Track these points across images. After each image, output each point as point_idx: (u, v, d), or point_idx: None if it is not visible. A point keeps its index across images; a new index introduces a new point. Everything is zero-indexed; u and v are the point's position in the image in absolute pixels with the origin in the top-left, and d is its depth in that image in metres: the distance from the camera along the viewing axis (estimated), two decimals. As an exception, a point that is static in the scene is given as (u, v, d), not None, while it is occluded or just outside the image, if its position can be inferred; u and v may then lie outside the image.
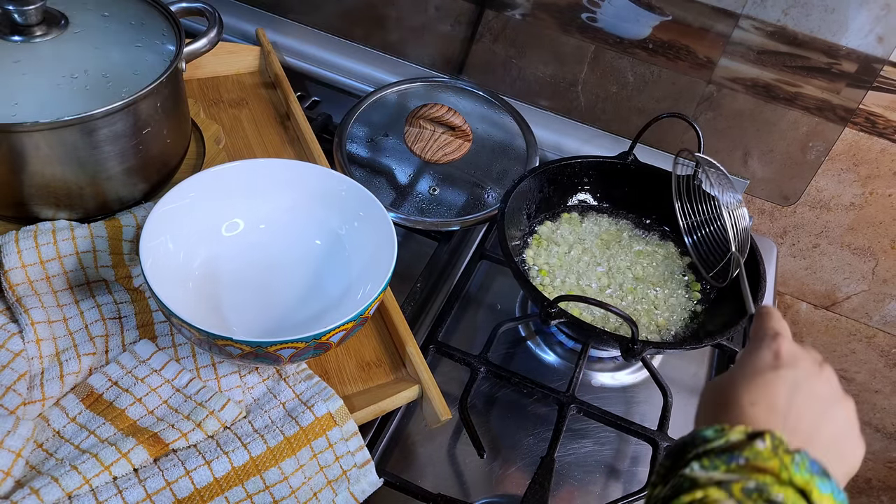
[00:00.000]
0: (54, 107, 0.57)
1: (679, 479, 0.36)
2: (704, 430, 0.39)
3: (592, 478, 0.62)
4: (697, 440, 0.38)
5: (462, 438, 0.63)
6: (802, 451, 0.37)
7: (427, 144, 0.84)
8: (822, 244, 0.97)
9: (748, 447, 0.36)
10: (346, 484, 0.53)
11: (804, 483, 0.35)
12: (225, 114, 0.83)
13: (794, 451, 0.36)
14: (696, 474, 0.36)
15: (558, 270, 0.73)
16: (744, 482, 0.34)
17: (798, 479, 0.35)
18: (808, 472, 0.36)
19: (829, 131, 0.83)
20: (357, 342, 0.63)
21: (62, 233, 0.61)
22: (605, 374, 0.71)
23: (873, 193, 0.89)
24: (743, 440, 0.37)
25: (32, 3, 0.59)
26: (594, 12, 0.85)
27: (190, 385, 0.55)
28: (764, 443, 0.37)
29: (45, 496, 0.46)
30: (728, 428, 0.38)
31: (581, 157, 0.79)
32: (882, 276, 0.96)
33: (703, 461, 0.36)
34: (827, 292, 1.01)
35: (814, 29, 0.77)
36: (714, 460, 0.36)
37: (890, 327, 1.01)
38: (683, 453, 0.38)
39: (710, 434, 0.38)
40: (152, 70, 0.62)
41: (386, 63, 0.98)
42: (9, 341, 0.55)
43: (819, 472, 0.36)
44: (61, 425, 0.52)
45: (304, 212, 0.65)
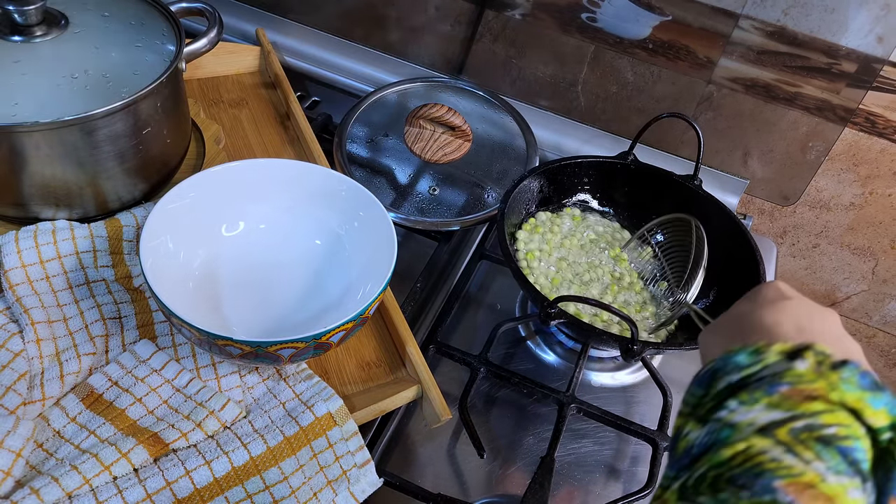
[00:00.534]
0: (54, 107, 0.57)
1: (715, 424, 0.32)
2: (736, 354, 0.34)
3: (592, 478, 0.62)
4: (729, 367, 0.34)
5: (462, 438, 0.63)
6: (850, 362, 0.33)
7: (427, 144, 0.84)
8: (822, 244, 0.97)
9: (788, 370, 0.32)
10: (346, 484, 0.53)
11: (855, 401, 0.32)
12: (225, 114, 0.83)
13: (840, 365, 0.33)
14: (735, 419, 0.31)
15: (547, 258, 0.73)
16: (790, 423, 0.30)
17: (849, 398, 0.32)
18: (859, 388, 0.32)
19: (828, 131, 0.83)
20: (357, 342, 0.63)
21: (62, 233, 0.61)
22: (604, 374, 0.71)
23: (873, 193, 0.89)
24: (781, 361, 0.33)
25: (32, 3, 0.59)
26: (594, 12, 0.85)
27: (190, 385, 0.55)
28: (805, 362, 0.33)
29: (46, 496, 0.46)
30: (764, 347, 0.34)
31: (581, 157, 0.79)
32: (882, 276, 0.96)
33: (741, 395, 0.32)
34: (827, 292, 1.02)
35: (814, 29, 0.77)
36: (753, 393, 0.32)
37: (889, 327, 1.01)
38: (714, 381, 0.34)
39: (744, 359, 0.34)
40: (152, 70, 0.62)
41: (386, 63, 0.98)
42: (9, 341, 0.55)
43: (870, 385, 0.32)
44: (61, 425, 0.52)
45: (304, 212, 0.65)
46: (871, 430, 0.32)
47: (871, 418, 0.32)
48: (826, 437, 0.30)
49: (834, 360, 0.33)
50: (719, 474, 0.30)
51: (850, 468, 0.30)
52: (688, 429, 0.34)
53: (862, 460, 0.30)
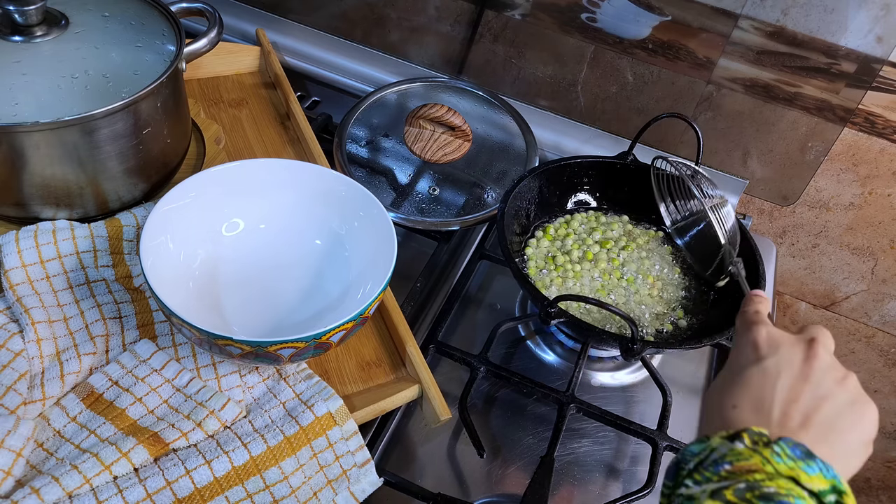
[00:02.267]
0: (55, 107, 0.57)
1: (679, 499, 0.37)
2: (691, 446, 0.39)
3: (592, 477, 0.62)
4: (687, 456, 0.39)
5: (462, 438, 0.63)
6: (783, 438, 0.37)
7: (427, 144, 0.84)
8: (822, 244, 0.97)
9: (730, 451, 0.37)
10: (346, 483, 0.54)
11: (789, 471, 0.36)
12: (225, 114, 0.83)
13: (773, 442, 0.37)
14: (692, 491, 0.36)
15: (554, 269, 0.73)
16: (734, 485, 0.35)
17: (783, 468, 0.36)
18: (791, 460, 0.36)
19: (828, 131, 0.83)
20: (357, 342, 0.64)
21: (62, 232, 0.61)
22: (604, 374, 0.71)
23: (872, 193, 0.89)
24: (723, 444, 0.38)
25: (33, 4, 0.59)
26: (594, 12, 0.85)
27: (190, 385, 0.55)
28: (742, 442, 0.37)
29: (46, 495, 0.46)
30: (711, 436, 0.39)
31: (581, 157, 0.79)
32: (881, 275, 0.96)
33: (695, 476, 0.37)
34: (826, 292, 1.02)
35: (813, 29, 0.77)
36: (704, 473, 0.37)
37: (889, 327, 1.01)
38: (678, 471, 0.39)
39: (696, 448, 0.39)
40: (152, 70, 0.62)
41: (386, 63, 0.98)
42: (9, 341, 0.55)
43: (802, 455, 0.36)
44: (62, 425, 0.52)
45: (304, 212, 0.65)
46: (813, 494, 0.35)
47: (809, 483, 0.35)
48: (767, 495, 0.34)
49: (768, 438, 0.37)
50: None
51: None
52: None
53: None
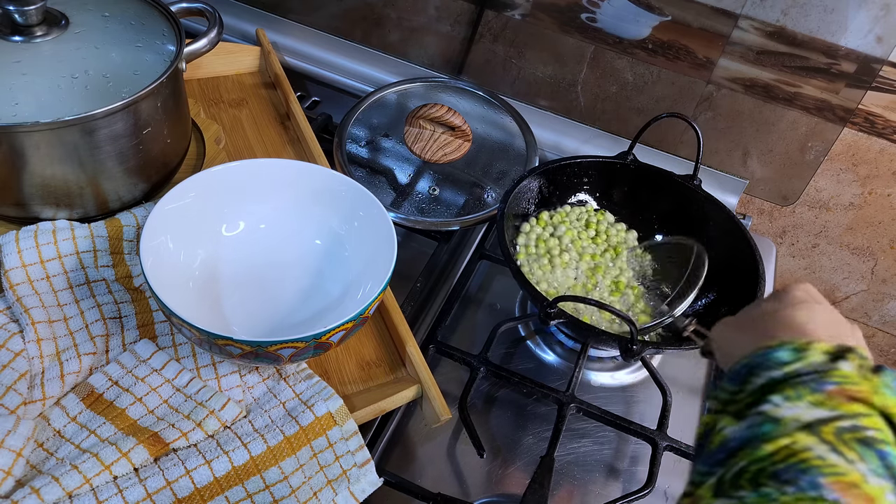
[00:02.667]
0: (55, 107, 0.57)
1: (757, 417, 0.31)
2: (776, 350, 0.34)
3: (592, 477, 0.63)
4: (770, 362, 0.33)
5: (462, 438, 0.63)
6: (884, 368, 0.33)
7: (427, 144, 0.84)
8: (822, 244, 0.97)
9: (834, 370, 0.32)
10: (346, 483, 0.54)
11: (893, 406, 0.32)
12: (225, 114, 0.84)
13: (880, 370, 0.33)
14: (780, 413, 0.31)
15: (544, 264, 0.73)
16: (835, 422, 0.30)
17: (890, 402, 0.32)
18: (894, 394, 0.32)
19: (828, 131, 0.83)
20: (357, 342, 0.64)
21: (62, 232, 0.61)
22: (604, 374, 0.71)
23: (872, 193, 0.89)
24: (826, 361, 0.33)
25: (33, 4, 0.59)
26: (594, 12, 0.85)
27: (190, 384, 0.55)
28: (850, 364, 0.33)
29: (46, 495, 0.46)
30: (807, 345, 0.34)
31: (581, 157, 0.79)
32: (881, 275, 0.96)
33: (786, 390, 0.32)
34: (826, 292, 1.02)
35: (813, 29, 0.77)
36: (798, 389, 0.32)
37: (889, 327, 1.02)
38: (751, 376, 0.34)
39: (787, 356, 0.33)
40: (152, 70, 0.62)
41: (386, 63, 0.98)
42: (9, 341, 0.55)
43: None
44: (62, 425, 0.52)
45: (304, 212, 0.65)
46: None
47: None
48: (867, 440, 0.30)
49: (872, 364, 0.34)
50: (761, 468, 0.30)
51: (887, 472, 0.30)
52: (722, 423, 0.33)
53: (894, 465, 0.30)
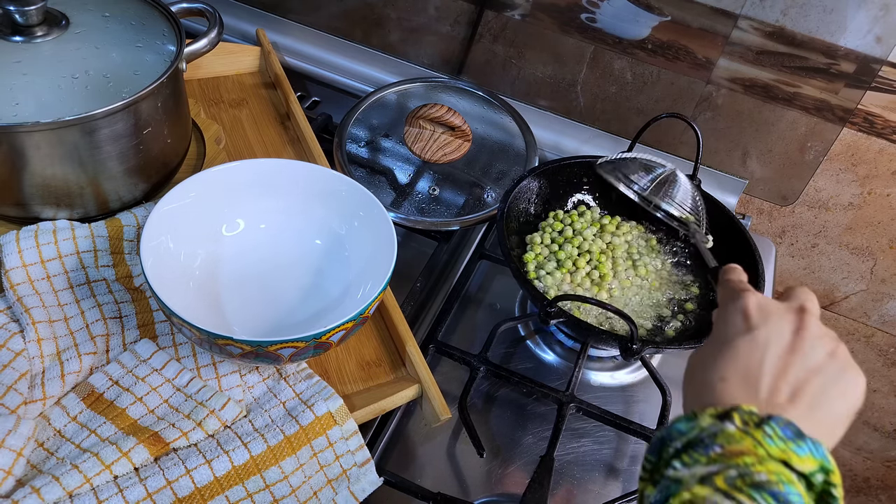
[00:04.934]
0: (55, 107, 0.57)
1: (665, 481, 0.36)
2: (678, 423, 0.38)
3: (592, 477, 0.63)
4: (673, 434, 0.37)
5: (462, 437, 0.64)
6: (773, 418, 0.36)
7: (427, 144, 0.84)
8: (821, 244, 0.97)
9: (720, 432, 0.36)
10: (346, 483, 0.54)
11: (781, 454, 0.35)
12: (225, 114, 0.84)
13: (763, 422, 0.36)
14: (680, 474, 0.35)
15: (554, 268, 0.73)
16: (725, 472, 0.34)
17: (774, 451, 0.35)
18: (782, 441, 0.35)
19: (827, 131, 0.83)
20: (357, 342, 0.64)
21: (63, 232, 0.61)
22: (604, 374, 0.71)
23: (872, 193, 0.89)
24: (713, 424, 0.36)
25: (33, 4, 0.59)
26: (593, 13, 0.85)
27: (190, 384, 0.55)
28: (733, 423, 0.36)
29: (46, 495, 0.46)
30: (699, 412, 0.37)
31: (580, 157, 0.79)
32: (880, 275, 0.97)
33: (684, 458, 0.36)
34: (825, 292, 1.02)
35: (812, 29, 0.77)
36: (692, 454, 0.36)
37: (888, 326, 1.02)
38: (663, 448, 0.37)
39: (684, 427, 0.37)
40: (153, 70, 0.62)
41: (386, 63, 0.98)
42: (10, 340, 0.55)
43: (792, 436, 0.35)
44: (62, 424, 0.52)
45: (304, 212, 0.65)
46: (802, 476, 0.35)
47: (799, 465, 0.35)
48: (758, 483, 0.33)
49: (759, 417, 0.36)
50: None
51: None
52: (648, 492, 0.37)
53: (796, 502, 0.33)
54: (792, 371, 0.39)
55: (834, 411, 0.39)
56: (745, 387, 0.39)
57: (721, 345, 0.42)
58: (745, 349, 0.41)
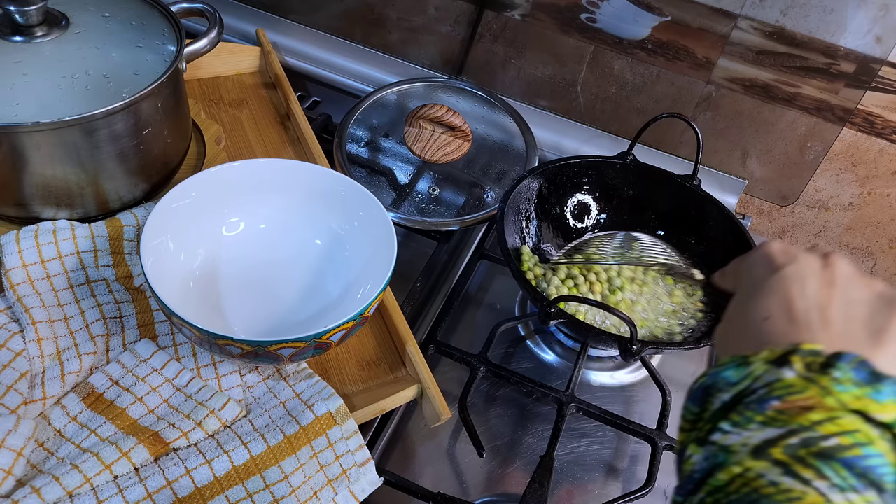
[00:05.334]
0: (55, 107, 0.57)
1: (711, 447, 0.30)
2: (725, 369, 0.32)
3: (592, 476, 0.63)
4: (720, 384, 0.32)
5: (461, 437, 0.64)
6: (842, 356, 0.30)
7: (427, 144, 0.84)
8: (821, 244, 0.97)
9: (777, 381, 0.30)
10: (346, 483, 0.54)
11: (856, 401, 0.29)
12: (225, 114, 0.84)
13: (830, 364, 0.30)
14: (730, 440, 0.29)
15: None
16: (784, 440, 0.28)
17: (848, 398, 0.29)
18: (855, 385, 0.29)
19: (827, 131, 0.83)
20: (357, 341, 0.64)
21: (63, 232, 0.61)
22: (604, 374, 0.71)
23: (871, 193, 0.89)
24: (769, 371, 0.31)
25: (33, 4, 0.59)
26: (593, 13, 0.85)
27: (190, 384, 0.55)
28: (793, 370, 0.30)
29: (46, 495, 0.46)
30: (750, 358, 0.31)
31: (580, 157, 0.79)
32: (880, 275, 0.97)
33: (733, 416, 0.30)
34: (825, 292, 1.02)
35: (812, 29, 0.77)
36: (745, 412, 0.30)
37: (888, 327, 1.01)
38: (708, 399, 0.32)
39: (733, 375, 0.31)
40: (153, 70, 0.62)
41: (386, 63, 0.98)
42: (10, 340, 0.55)
43: (867, 378, 0.29)
44: (62, 424, 0.52)
45: (304, 212, 0.65)
46: (885, 426, 0.29)
47: (879, 414, 0.29)
48: (826, 451, 0.27)
49: (824, 357, 0.31)
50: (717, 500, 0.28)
51: (860, 481, 0.27)
52: (690, 451, 0.32)
53: (876, 466, 0.27)
54: (835, 302, 0.34)
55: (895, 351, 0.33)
56: (792, 322, 0.34)
57: (753, 289, 0.37)
58: (780, 285, 0.36)
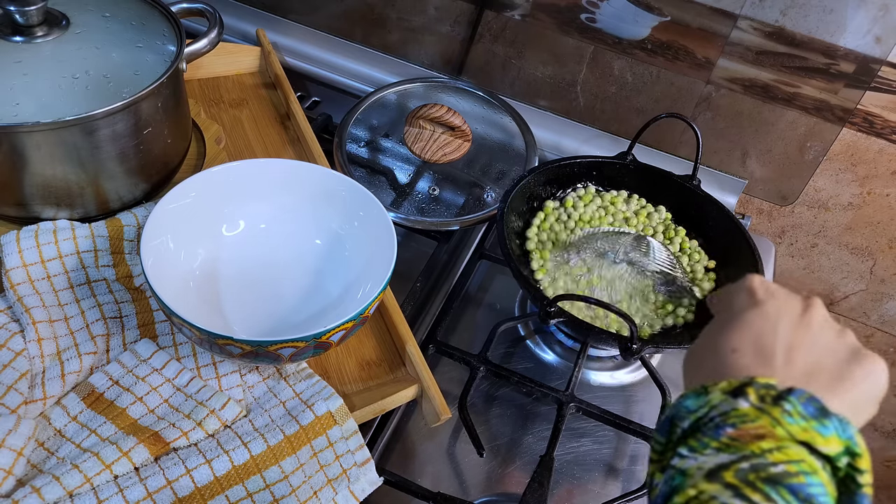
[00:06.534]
0: (55, 107, 0.57)
1: (671, 471, 0.32)
2: (687, 399, 0.34)
3: (591, 476, 0.63)
4: (682, 413, 0.33)
5: (461, 437, 0.64)
6: (793, 392, 0.32)
7: (427, 144, 0.84)
8: (821, 244, 0.97)
9: (733, 411, 0.32)
10: (346, 482, 0.54)
11: (803, 433, 0.31)
12: (225, 114, 0.84)
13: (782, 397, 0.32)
14: (686, 464, 0.31)
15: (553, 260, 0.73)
16: (736, 464, 0.30)
17: (796, 430, 0.31)
18: (803, 419, 0.31)
19: (827, 131, 0.83)
20: (357, 341, 0.64)
21: (63, 232, 0.61)
22: (603, 373, 0.71)
23: (871, 193, 0.90)
24: (725, 401, 0.32)
25: (34, 4, 0.59)
26: (593, 13, 0.85)
27: (191, 384, 0.55)
28: (747, 400, 0.32)
29: (47, 495, 0.46)
30: (710, 387, 0.33)
31: (580, 157, 0.79)
32: (880, 275, 0.97)
33: (691, 441, 0.32)
34: (825, 292, 1.02)
35: (812, 29, 0.77)
36: (701, 438, 0.31)
37: (888, 326, 1.02)
38: (672, 428, 0.34)
39: (692, 404, 0.33)
40: (153, 70, 0.62)
41: (386, 63, 0.98)
42: (10, 340, 0.55)
43: (815, 413, 0.31)
44: (62, 424, 0.52)
45: (304, 212, 0.65)
46: (827, 459, 0.31)
47: (824, 447, 0.31)
48: (774, 477, 0.29)
49: (777, 391, 0.32)
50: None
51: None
52: (656, 479, 0.33)
53: (818, 494, 0.29)
54: (804, 346, 0.36)
55: (857, 392, 0.35)
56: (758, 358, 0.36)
57: (728, 320, 0.39)
58: (755, 320, 0.38)
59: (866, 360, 0.36)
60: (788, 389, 0.32)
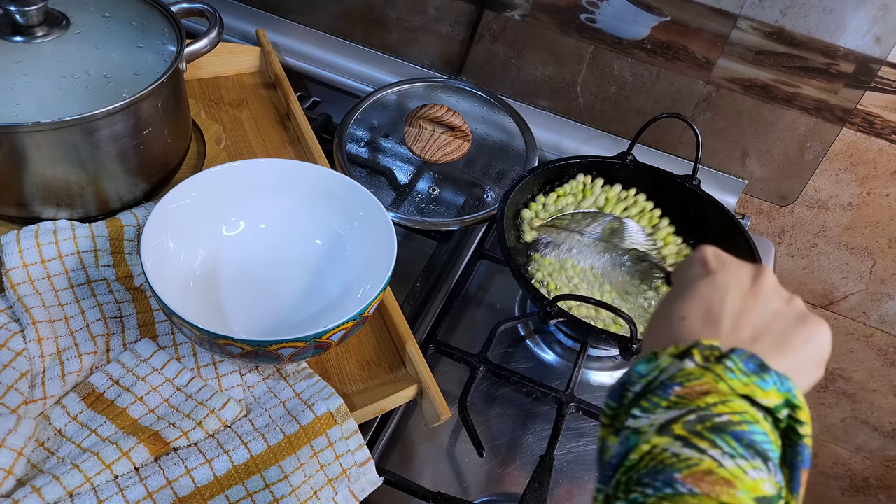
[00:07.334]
0: (55, 107, 0.57)
1: (625, 432, 0.34)
2: (638, 366, 0.36)
3: (591, 476, 0.63)
4: (634, 377, 0.35)
5: (461, 437, 0.64)
6: (735, 351, 0.34)
7: (427, 144, 0.85)
8: (820, 244, 0.97)
9: (679, 371, 0.34)
10: (346, 482, 0.54)
11: (744, 387, 0.33)
12: (225, 114, 0.84)
13: (725, 356, 0.34)
14: (639, 423, 0.33)
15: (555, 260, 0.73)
16: (684, 417, 0.32)
17: (737, 384, 0.33)
18: (744, 375, 0.34)
19: (826, 131, 0.84)
20: (357, 341, 0.64)
21: (63, 232, 0.61)
22: (603, 373, 0.71)
23: (871, 193, 0.90)
24: (673, 364, 0.35)
25: (34, 4, 0.59)
26: (593, 13, 0.85)
27: (191, 384, 0.56)
28: (692, 360, 0.34)
29: (47, 494, 0.46)
30: (660, 353, 0.36)
31: (580, 157, 0.79)
32: (879, 275, 0.97)
33: (643, 403, 0.34)
34: (825, 292, 1.02)
35: (812, 29, 0.77)
36: (652, 398, 0.34)
37: (888, 326, 1.02)
38: (624, 393, 0.36)
39: (643, 369, 0.35)
40: (153, 70, 0.62)
41: (386, 63, 0.98)
42: (10, 340, 0.55)
43: (755, 368, 0.34)
44: (62, 424, 0.52)
45: (304, 212, 0.65)
46: (768, 411, 0.33)
47: (763, 399, 0.33)
48: (718, 426, 0.31)
49: (721, 351, 0.35)
50: (629, 478, 0.31)
51: (748, 450, 0.31)
52: (609, 442, 0.35)
53: (761, 441, 0.32)
54: (753, 313, 0.38)
55: (799, 354, 0.37)
56: (705, 325, 0.38)
57: (681, 288, 0.41)
58: (705, 289, 0.39)
59: (810, 324, 0.38)
60: (731, 349, 0.35)
